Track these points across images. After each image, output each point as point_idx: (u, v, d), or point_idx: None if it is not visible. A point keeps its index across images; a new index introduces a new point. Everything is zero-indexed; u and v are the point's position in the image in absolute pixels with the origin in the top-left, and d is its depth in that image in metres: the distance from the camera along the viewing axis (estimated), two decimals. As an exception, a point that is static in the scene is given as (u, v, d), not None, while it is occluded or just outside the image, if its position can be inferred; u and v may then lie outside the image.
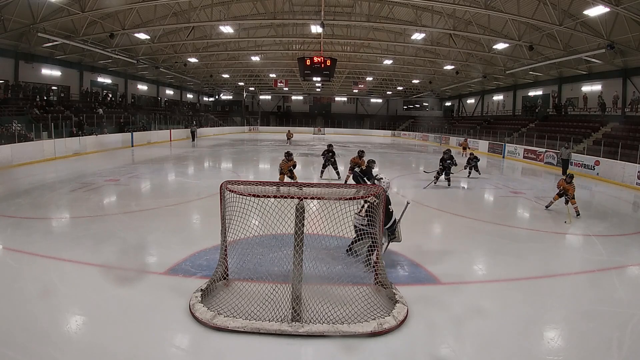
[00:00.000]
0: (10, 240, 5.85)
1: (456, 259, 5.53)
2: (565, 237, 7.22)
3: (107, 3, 15.41)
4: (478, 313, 4.03)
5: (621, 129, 17.85)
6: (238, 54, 26.54)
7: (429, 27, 18.06)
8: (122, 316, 3.75)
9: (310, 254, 4.02)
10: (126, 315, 3.76)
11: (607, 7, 12.36)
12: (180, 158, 17.72)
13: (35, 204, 8.31)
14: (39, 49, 19.57)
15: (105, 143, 19.77)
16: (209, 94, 47.27)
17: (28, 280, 4.43)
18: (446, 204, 9.24)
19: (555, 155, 17.56)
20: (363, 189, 4.84)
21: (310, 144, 29.15)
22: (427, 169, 12.66)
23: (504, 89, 30.95)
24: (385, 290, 4.20)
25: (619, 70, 19.14)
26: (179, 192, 10.32)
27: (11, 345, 3.18)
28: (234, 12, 19.42)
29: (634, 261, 5.92)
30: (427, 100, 42.48)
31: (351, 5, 19.60)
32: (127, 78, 30.13)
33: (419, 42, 20.03)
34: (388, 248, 5.23)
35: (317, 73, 18.39)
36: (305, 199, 3.77)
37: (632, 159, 13.30)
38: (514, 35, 16.88)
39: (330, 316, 3.63)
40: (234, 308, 3.72)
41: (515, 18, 15.39)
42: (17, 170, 12.61)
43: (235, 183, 4.17)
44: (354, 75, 34.36)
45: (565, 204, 8.26)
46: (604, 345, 3.52)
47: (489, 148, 24.23)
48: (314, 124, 45.78)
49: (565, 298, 4.52)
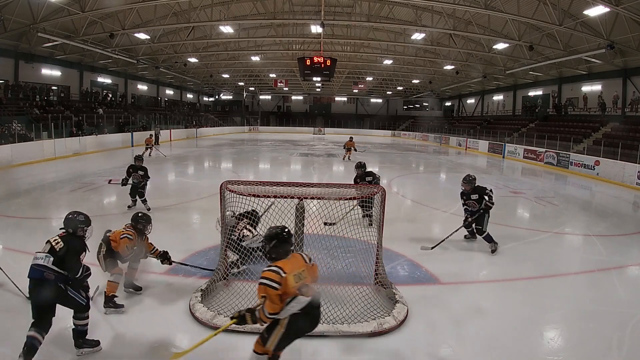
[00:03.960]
0: (10, 240, 5.85)
1: (456, 259, 5.52)
2: (565, 237, 7.23)
3: (107, 3, 15.40)
4: (478, 313, 4.03)
5: (621, 129, 17.84)
6: (238, 54, 26.54)
7: (429, 27, 18.05)
8: (122, 316, 3.75)
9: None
10: (126, 315, 3.76)
11: (607, 7, 12.36)
12: (180, 158, 17.72)
13: (35, 204, 8.31)
14: (39, 49, 19.56)
15: (105, 143, 19.78)
16: (209, 94, 47.26)
17: (28, 280, 4.42)
18: (446, 204, 9.24)
19: (555, 155, 17.57)
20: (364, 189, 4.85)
21: (310, 144, 29.16)
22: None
23: (504, 89, 30.94)
24: (385, 290, 4.20)
25: (619, 70, 19.13)
26: (179, 192, 10.31)
27: (11, 345, 3.18)
28: (234, 12, 19.42)
29: (634, 261, 5.92)
30: (427, 100, 42.46)
31: (351, 5, 19.60)
32: (127, 78, 30.11)
33: (419, 42, 20.02)
34: (385, 247, 5.22)
35: (317, 73, 18.39)
36: (305, 199, 3.78)
37: (632, 159, 13.29)
38: (514, 35, 16.87)
39: (330, 316, 3.63)
40: (234, 308, 3.72)
41: (515, 18, 15.39)
42: (17, 170, 12.61)
43: (235, 183, 4.17)
44: (354, 75, 34.36)
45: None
46: (604, 345, 3.52)
47: (489, 148, 24.23)
48: (314, 124, 45.76)
49: (565, 298, 4.52)
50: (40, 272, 3.02)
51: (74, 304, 3.16)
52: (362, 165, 7.42)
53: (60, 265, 3.07)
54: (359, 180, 7.17)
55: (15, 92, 19.48)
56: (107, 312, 3.76)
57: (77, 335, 3.18)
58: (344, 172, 14.95)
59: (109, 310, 3.77)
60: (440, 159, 21.80)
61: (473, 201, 5.74)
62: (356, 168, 7.46)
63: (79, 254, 3.18)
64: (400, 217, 7.78)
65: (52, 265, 3.05)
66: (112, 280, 3.88)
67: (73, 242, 3.19)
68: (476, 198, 5.73)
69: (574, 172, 15.85)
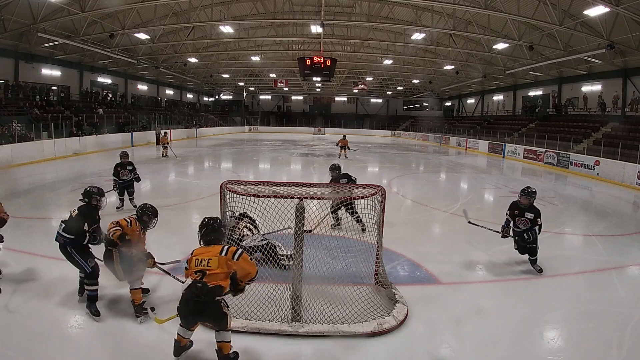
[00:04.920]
0: (10, 240, 5.83)
1: (456, 259, 5.52)
2: (565, 237, 7.23)
3: (107, 3, 15.40)
4: (478, 313, 4.03)
5: (621, 129, 17.85)
6: (238, 54, 26.54)
7: (429, 27, 18.06)
8: (122, 316, 3.75)
9: (311, 253, 4.02)
10: (126, 315, 3.76)
11: (607, 7, 12.35)
12: (180, 158, 17.71)
13: (35, 204, 8.31)
14: (39, 49, 19.56)
15: (105, 143, 19.76)
16: (209, 94, 47.26)
17: (28, 281, 4.43)
18: (446, 204, 9.24)
19: (555, 155, 17.58)
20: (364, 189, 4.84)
21: (310, 144, 29.16)
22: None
23: (504, 89, 30.94)
24: (385, 290, 4.19)
25: (619, 70, 19.12)
26: (179, 192, 10.32)
27: (11, 345, 3.18)
28: (234, 12, 19.40)
29: (634, 261, 5.92)
30: (427, 100, 42.43)
31: (351, 5, 19.59)
32: (127, 78, 30.12)
33: (419, 42, 20.02)
34: (385, 247, 5.22)
35: (317, 73, 18.37)
36: (305, 199, 3.77)
37: (632, 159, 13.29)
38: (514, 35, 16.87)
39: (330, 316, 3.63)
40: (234, 308, 3.71)
41: (515, 18, 15.39)
42: (17, 170, 12.61)
43: (235, 183, 4.17)
44: (354, 75, 34.36)
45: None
46: (604, 345, 3.52)
47: (489, 148, 24.24)
48: (314, 124, 45.75)
49: (565, 298, 4.52)
50: (57, 236, 3.78)
51: (79, 268, 3.81)
52: (337, 167, 7.01)
53: (68, 231, 3.72)
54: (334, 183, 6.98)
55: (15, 92, 19.48)
56: (141, 320, 3.64)
57: (88, 298, 3.73)
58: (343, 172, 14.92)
59: (142, 318, 3.65)
60: (440, 159, 21.80)
61: (526, 219, 4.97)
62: (331, 170, 6.99)
63: (86, 220, 3.76)
64: (400, 217, 7.78)
65: (62, 232, 3.74)
66: (134, 287, 3.72)
67: (85, 209, 3.82)
68: (531, 218, 4.94)
69: (574, 172, 15.85)
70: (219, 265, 2.86)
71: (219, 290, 2.85)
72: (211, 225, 3.07)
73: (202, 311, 2.85)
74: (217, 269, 2.84)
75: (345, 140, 18.62)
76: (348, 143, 18.66)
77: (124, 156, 7.82)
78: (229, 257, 2.89)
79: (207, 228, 3.06)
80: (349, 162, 17.42)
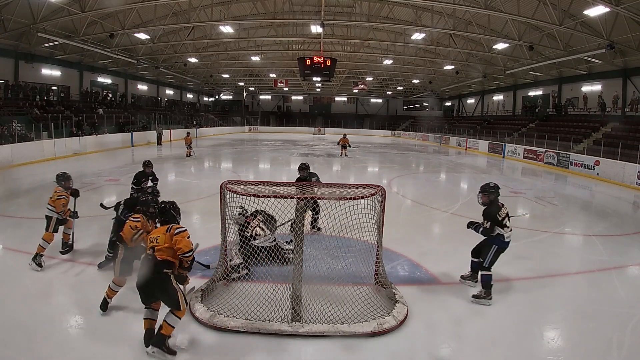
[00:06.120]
0: (10, 240, 5.86)
1: (456, 259, 5.50)
2: (565, 237, 7.23)
3: (107, 3, 15.40)
4: (478, 313, 4.03)
5: (621, 129, 17.85)
6: (238, 54, 26.53)
7: (429, 27, 18.05)
8: (122, 316, 3.75)
9: (311, 253, 4.02)
10: (126, 315, 3.76)
11: (607, 7, 12.35)
12: (180, 158, 17.72)
13: (35, 204, 8.29)
14: (39, 49, 19.56)
15: (105, 143, 19.77)
16: (209, 94, 47.26)
17: (28, 280, 4.43)
18: (446, 204, 9.24)
19: (555, 155, 17.57)
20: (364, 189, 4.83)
21: (310, 144, 29.16)
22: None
23: (504, 89, 30.94)
24: (385, 290, 4.19)
25: (619, 70, 19.13)
26: (179, 192, 10.30)
27: (11, 345, 3.18)
28: (234, 12, 19.41)
29: (634, 261, 5.91)
30: (427, 100, 42.44)
31: (351, 5, 19.60)
32: (127, 78, 30.11)
33: (419, 42, 20.02)
34: (385, 247, 5.22)
35: (317, 73, 18.38)
36: (305, 198, 3.77)
37: (632, 159, 13.29)
38: (514, 35, 16.87)
39: (330, 316, 3.63)
40: (233, 308, 3.72)
41: (515, 18, 15.38)
42: (17, 170, 12.61)
43: (235, 183, 4.17)
44: (354, 75, 34.35)
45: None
46: (604, 345, 3.52)
47: (489, 148, 24.23)
48: (314, 124, 45.76)
49: (565, 298, 4.52)
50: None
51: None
52: (306, 167, 6.58)
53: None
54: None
55: (15, 92, 19.48)
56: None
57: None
58: (343, 171, 14.96)
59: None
60: (440, 159, 21.79)
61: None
62: (299, 170, 6.56)
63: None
64: (400, 217, 7.78)
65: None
66: (116, 278, 3.84)
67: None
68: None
69: (574, 172, 15.85)
70: (165, 240, 3.21)
71: (166, 264, 3.17)
72: (164, 208, 3.44)
73: (150, 283, 3.13)
74: (163, 244, 3.20)
75: (345, 138, 19.39)
76: (349, 141, 19.55)
77: (148, 166, 6.95)
78: (172, 232, 3.22)
79: (160, 211, 3.46)
80: (350, 161, 17.45)
